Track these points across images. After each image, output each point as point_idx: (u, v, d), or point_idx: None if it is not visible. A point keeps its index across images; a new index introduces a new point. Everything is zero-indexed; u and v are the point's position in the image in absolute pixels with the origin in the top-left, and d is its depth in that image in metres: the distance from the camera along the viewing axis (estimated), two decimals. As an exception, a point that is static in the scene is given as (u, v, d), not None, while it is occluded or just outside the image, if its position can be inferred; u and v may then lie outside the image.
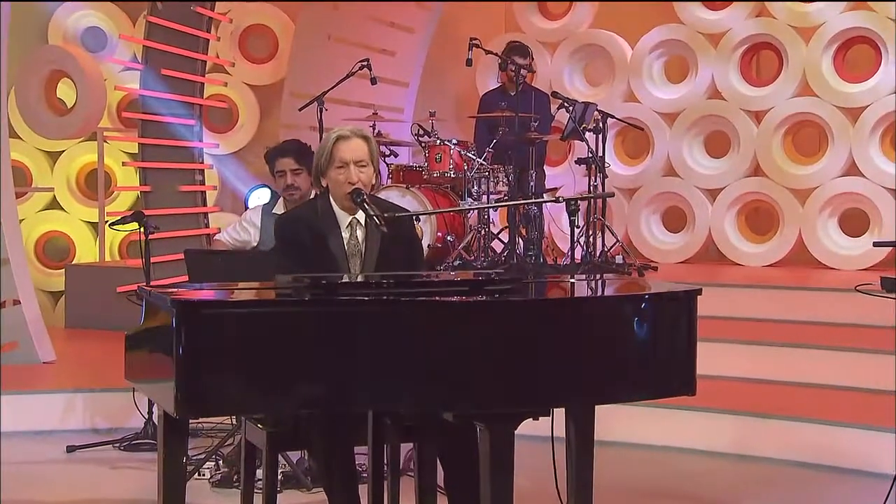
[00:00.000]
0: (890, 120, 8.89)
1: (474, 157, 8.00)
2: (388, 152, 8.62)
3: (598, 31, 10.07)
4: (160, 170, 8.63)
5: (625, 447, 6.03)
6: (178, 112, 8.60)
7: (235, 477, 5.26)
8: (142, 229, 5.91)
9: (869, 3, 8.94)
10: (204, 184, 8.73)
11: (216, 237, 6.00)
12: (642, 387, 3.63)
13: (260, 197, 8.61)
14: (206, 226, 8.69)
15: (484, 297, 3.58)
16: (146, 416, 6.06)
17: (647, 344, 3.59)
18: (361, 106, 9.35)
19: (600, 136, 8.30)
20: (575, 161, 8.61)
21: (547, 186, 8.83)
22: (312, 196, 5.63)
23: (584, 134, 8.17)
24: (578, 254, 8.26)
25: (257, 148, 10.22)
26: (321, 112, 8.11)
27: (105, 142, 9.95)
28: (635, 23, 9.94)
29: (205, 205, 8.61)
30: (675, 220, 9.76)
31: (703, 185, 9.52)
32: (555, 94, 8.53)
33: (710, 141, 9.69)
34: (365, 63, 8.38)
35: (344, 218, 4.31)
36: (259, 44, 10.43)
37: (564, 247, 9.15)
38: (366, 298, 3.45)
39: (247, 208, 8.52)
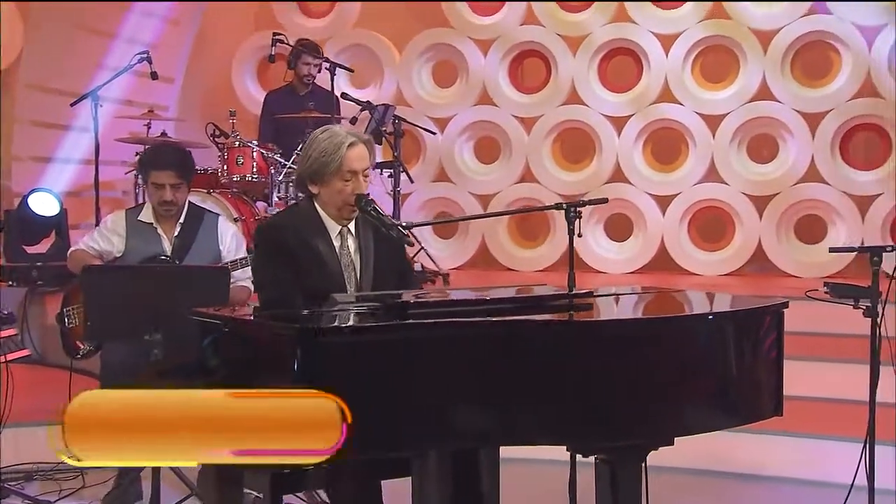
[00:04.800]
0: (652, 129, 9.21)
1: (282, 161, 7.49)
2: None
3: (364, 31, 9.72)
4: None
5: (533, 463, 5.18)
6: None
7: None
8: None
9: (630, 14, 9.23)
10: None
11: (73, 249, 5.15)
12: (740, 411, 3.42)
13: (41, 202, 7.59)
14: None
15: (644, 317, 3.25)
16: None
17: (748, 363, 3.38)
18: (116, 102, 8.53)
19: (399, 140, 8.10)
20: (374, 166, 8.26)
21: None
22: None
23: (384, 137, 7.93)
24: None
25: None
26: (96, 108, 7.41)
27: None
28: (402, 24, 9.70)
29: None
30: (448, 225, 9.62)
31: (475, 191, 9.44)
32: (344, 96, 8.19)
33: (480, 147, 9.62)
34: (144, 56, 7.71)
35: (333, 227, 3.98)
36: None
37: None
38: (523, 319, 3.02)
39: (28, 214, 7.49)
